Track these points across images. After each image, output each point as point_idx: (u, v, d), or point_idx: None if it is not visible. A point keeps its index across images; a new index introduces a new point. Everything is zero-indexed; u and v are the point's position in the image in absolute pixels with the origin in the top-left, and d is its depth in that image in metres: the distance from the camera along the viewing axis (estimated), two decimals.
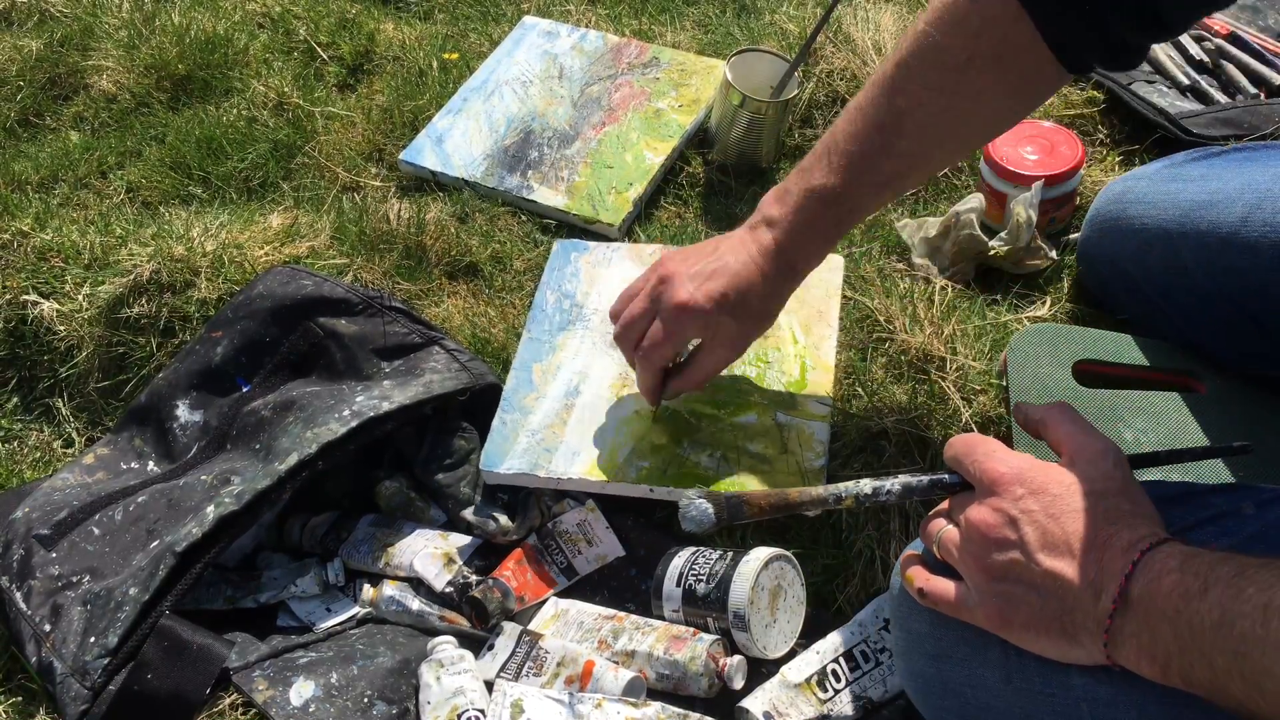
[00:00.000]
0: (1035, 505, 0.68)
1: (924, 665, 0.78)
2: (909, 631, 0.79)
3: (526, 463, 1.10)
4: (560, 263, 1.30)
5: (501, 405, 1.15)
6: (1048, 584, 0.66)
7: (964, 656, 0.74)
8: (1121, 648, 0.64)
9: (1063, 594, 0.66)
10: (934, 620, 0.76)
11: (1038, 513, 0.68)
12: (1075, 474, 0.70)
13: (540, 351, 1.20)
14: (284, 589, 1.10)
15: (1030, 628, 0.68)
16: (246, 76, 1.72)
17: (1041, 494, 0.69)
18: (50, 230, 1.45)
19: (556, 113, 1.52)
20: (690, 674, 0.96)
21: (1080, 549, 0.66)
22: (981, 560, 0.69)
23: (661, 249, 1.29)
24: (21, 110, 1.79)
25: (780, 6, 1.67)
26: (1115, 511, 0.67)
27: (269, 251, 1.36)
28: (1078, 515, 0.67)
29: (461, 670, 0.99)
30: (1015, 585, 0.68)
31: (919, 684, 0.80)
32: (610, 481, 1.08)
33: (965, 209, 1.22)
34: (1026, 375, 1.05)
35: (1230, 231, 0.96)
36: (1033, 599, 0.67)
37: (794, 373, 1.14)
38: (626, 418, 1.13)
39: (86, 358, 1.34)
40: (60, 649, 1.03)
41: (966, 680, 0.74)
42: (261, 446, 1.13)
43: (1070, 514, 0.67)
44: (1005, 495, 0.70)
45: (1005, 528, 0.69)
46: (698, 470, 1.07)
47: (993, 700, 0.73)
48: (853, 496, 0.82)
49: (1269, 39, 1.41)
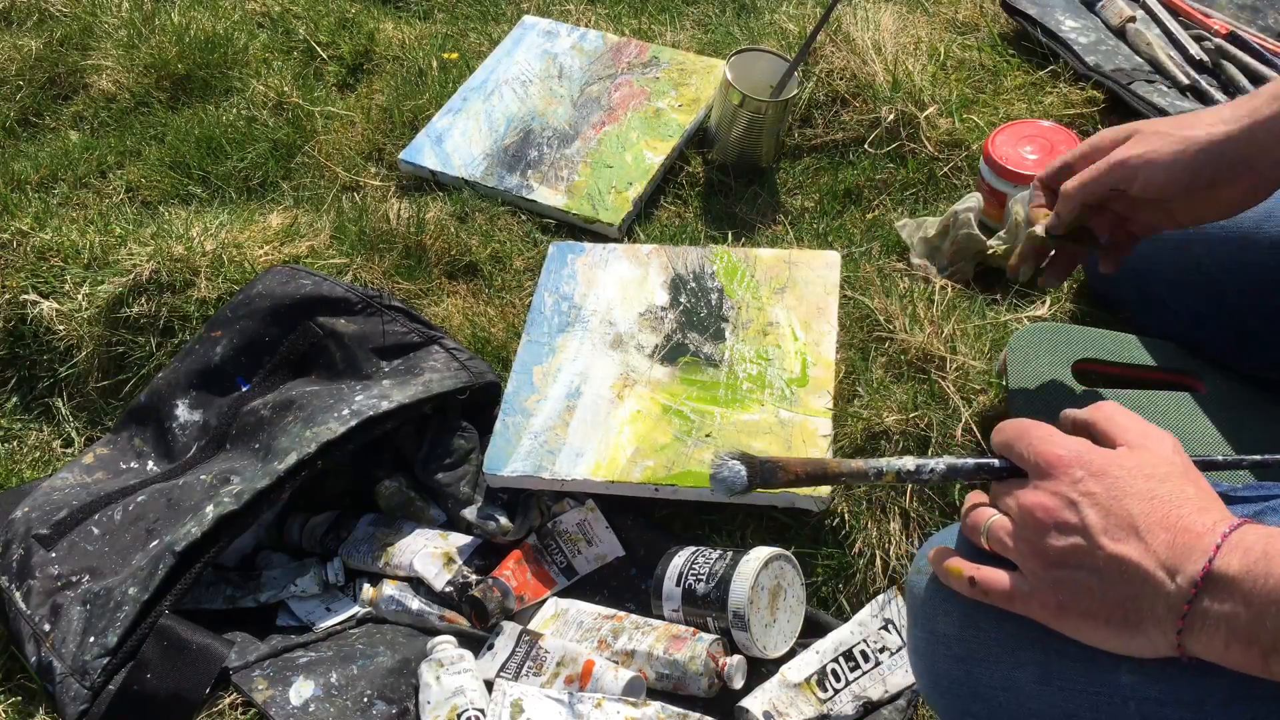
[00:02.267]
0: (1097, 488, 0.65)
1: (950, 668, 0.73)
2: (933, 633, 0.74)
3: (530, 465, 1.10)
4: (556, 265, 1.30)
5: (503, 408, 1.15)
6: (1112, 569, 0.63)
7: (995, 658, 0.71)
8: (1200, 634, 0.60)
9: (1129, 578, 0.62)
10: (963, 620, 0.72)
11: (1100, 495, 0.65)
12: (1136, 458, 0.67)
13: (540, 354, 1.20)
14: (284, 589, 1.10)
15: (1090, 616, 0.64)
16: (246, 76, 1.72)
17: (1103, 476, 0.65)
18: (50, 230, 1.45)
19: (556, 112, 1.52)
20: (690, 674, 0.96)
21: (1147, 532, 0.63)
22: (1038, 546, 0.66)
23: (656, 249, 1.29)
24: (21, 110, 1.79)
25: (780, 6, 1.67)
26: (1181, 495, 0.64)
27: (269, 251, 1.36)
28: (1142, 498, 0.64)
29: (461, 670, 0.99)
30: (1076, 571, 0.64)
31: (943, 687, 0.75)
32: (615, 482, 1.08)
33: (964, 208, 1.22)
34: (1026, 374, 1.05)
35: (1253, 227, 0.96)
36: (1094, 585, 0.64)
37: (795, 369, 1.14)
38: (628, 418, 1.13)
39: (86, 357, 1.34)
40: (60, 648, 1.03)
41: (999, 683, 0.71)
42: (261, 446, 1.13)
43: (1134, 496, 0.64)
44: (1064, 478, 0.67)
45: (1065, 510, 0.65)
46: (701, 468, 1.07)
47: (1027, 702, 0.70)
48: (894, 472, 0.76)
49: (1269, 39, 1.41)
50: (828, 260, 1.23)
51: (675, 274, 1.26)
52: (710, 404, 1.13)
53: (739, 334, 1.19)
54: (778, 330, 1.18)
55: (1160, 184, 0.89)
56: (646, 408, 1.13)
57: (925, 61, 1.45)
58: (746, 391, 1.13)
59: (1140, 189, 0.90)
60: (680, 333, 1.20)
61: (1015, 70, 1.47)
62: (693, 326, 1.21)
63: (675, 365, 1.17)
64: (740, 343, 1.18)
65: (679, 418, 1.12)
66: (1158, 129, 0.90)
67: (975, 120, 1.39)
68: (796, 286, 1.22)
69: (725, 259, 1.26)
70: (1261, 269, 0.96)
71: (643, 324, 1.22)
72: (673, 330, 1.21)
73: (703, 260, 1.27)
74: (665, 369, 1.17)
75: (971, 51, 1.50)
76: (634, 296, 1.25)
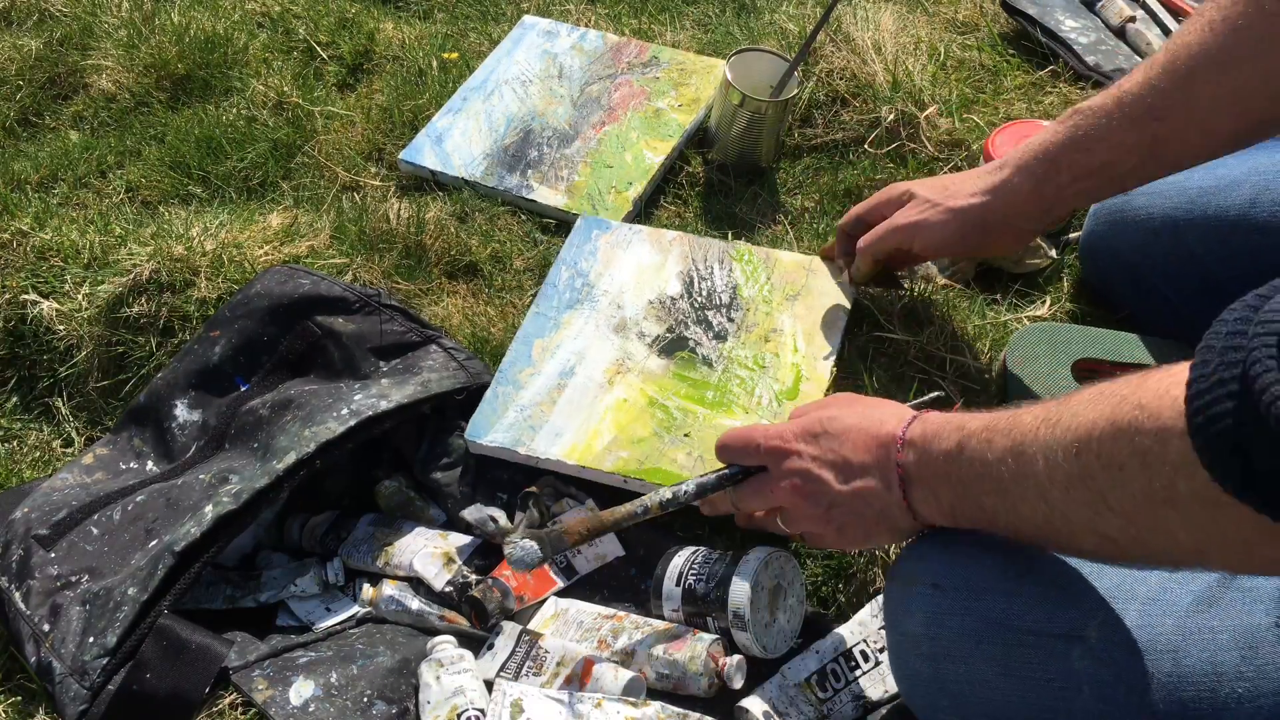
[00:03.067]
0: (814, 449, 0.83)
1: (919, 665, 0.79)
2: (903, 633, 0.80)
3: (510, 438, 1.10)
4: (581, 239, 1.30)
5: (497, 376, 1.16)
6: (857, 503, 0.81)
7: (960, 654, 0.75)
8: (923, 515, 0.78)
9: (870, 500, 0.80)
10: (928, 620, 0.77)
11: (819, 454, 0.83)
12: (827, 406, 0.86)
13: (544, 327, 1.21)
14: (284, 588, 1.10)
15: (869, 536, 0.83)
16: (246, 76, 1.72)
17: (817, 437, 0.83)
18: (50, 230, 1.45)
19: (556, 112, 1.52)
20: (690, 674, 0.96)
21: (859, 462, 0.80)
22: (810, 515, 0.84)
23: (680, 237, 1.29)
24: (21, 110, 1.79)
25: (780, 6, 1.67)
26: (866, 417, 0.82)
27: (268, 251, 1.35)
28: (844, 438, 0.81)
29: (461, 670, 0.99)
30: (839, 513, 0.82)
31: (914, 685, 0.81)
32: (586, 467, 1.08)
33: None
34: (1026, 374, 1.05)
35: (1239, 214, 0.97)
36: (856, 517, 0.82)
37: (787, 381, 1.14)
38: (613, 405, 1.13)
39: (86, 357, 1.34)
40: (59, 649, 1.03)
41: (964, 677, 0.75)
42: (260, 445, 1.13)
43: (839, 439, 0.82)
44: (793, 457, 0.84)
45: (808, 483, 0.83)
46: (673, 467, 1.07)
47: (990, 694, 0.74)
48: (656, 504, 0.92)
49: None
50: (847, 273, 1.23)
51: (693, 265, 1.26)
52: (696, 403, 1.13)
53: (741, 336, 1.19)
54: (780, 338, 1.18)
55: (936, 245, 1.06)
56: (633, 397, 1.13)
57: (925, 61, 1.45)
58: (735, 396, 1.13)
59: (920, 249, 1.07)
60: (684, 326, 1.20)
61: (1015, 70, 1.47)
62: (698, 322, 1.21)
63: (671, 359, 1.17)
64: (740, 346, 1.18)
65: (662, 412, 1.12)
66: (929, 196, 1.06)
67: (975, 120, 1.39)
68: (810, 296, 1.21)
69: (747, 257, 1.26)
70: (1254, 255, 0.96)
71: (649, 312, 1.22)
72: (677, 323, 1.21)
73: (724, 255, 1.27)
74: (661, 361, 1.17)
75: (971, 51, 1.50)
76: (648, 283, 1.25)
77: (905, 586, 0.80)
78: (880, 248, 1.10)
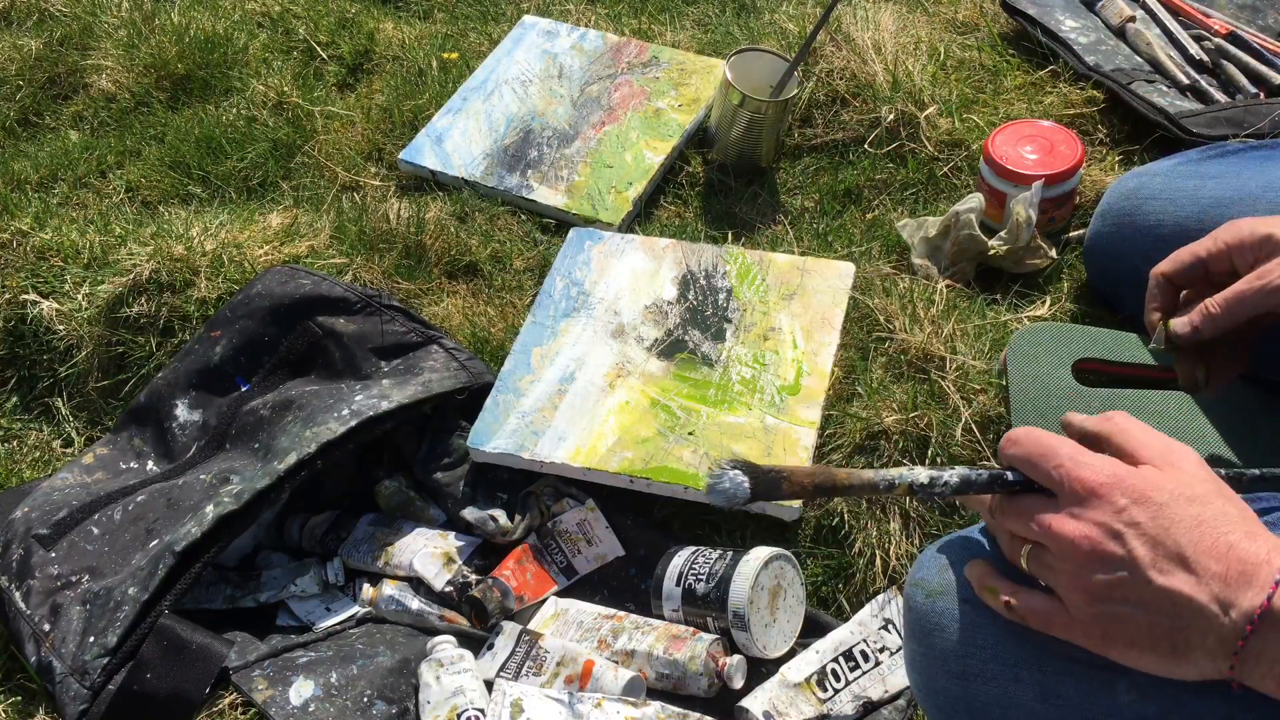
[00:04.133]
0: (1142, 516, 0.63)
1: (947, 683, 0.72)
2: (931, 648, 0.73)
3: (513, 444, 1.10)
4: (574, 250, 1.30)
5: (496, 385, 1.16)
6: (1161, 602, 0.62)
7: (994, 675, 0.70)
8: (1255, 668, 0.60)
9: (1180, 612, 0.61)
10: (962, 637, 0.71)
11: (1146, 525, 0.63)
12: (1173, 480, 0.64)
13: (542, 336, 1.21)
14: (284, 588, 1.10)
15: (1136, 645, 0.63)
16: (246, 76, 1.72)
17: (1146, 503, 0.63)
18: (49, 230, 1.45)
19: (556, 112, 1.52)
20: (690, 673, 0.96)
21: (1197, 563, 0.61)
22: (1082, 579, 0.64)
23: (673, 244, 1.29)
24: (21, 110, 1.79)
25: (780, 6, 1.67)
26: (1225, 519, 0.63)
27: (269, 251, 1.35)
28: (1189, 526, 0.62)
29: (461, 670, 0.99)
30: (1121, 605, 0.63)
31: (940, 703, 0.74)
32: (591, 469, 1.08)
33: (965, 209, 1.22)
34: (1026, 374, 1.05)
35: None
36: (1141, 618, 0.63)
37: (789, 377, 1.14)
38: (615, 407, 1.13)
39: (86, 357, 1.34)
40: (59, 648, 1.03)
41: (996, 700, 0.70)
42: (260, 446, 1.13)
43: (1180, 524, 0.62)
44: (1105, 506, 0.64)
45: (1110, 543, 0.63)
46: (679, 465, 1.07)
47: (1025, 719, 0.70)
48: (906, 485, 0.73)
49: (1269, 38, 1.41)
50: (841, 271, 1.23)
51: (687, 270, 1.26)
52: (699, 402, 1.13)
53: (740, 336, 1.19)
54: (779, 336, 1.18)
55: None
56: (635, 399, 1.13)
57: (925, 61, 1.45)
58: (737, 394, 1.13)
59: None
60: (682, 329, 1.21)
61: (1015, 70, 1.47)
62: (695, 324, 1.21)
63: (671, 360, 1.17)
64: (739, 345, 1.18)
65: (665, 413, 1.12)
66: None
67: (975, 120, 1.39)
68: (805, 294, 1.21)
69: (740, 260, 1.26)
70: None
71: (647, 316, 1.22)
72: (675, 326, 1.21)
73: (717, 259, 1.27)
74: (661, 363, 1.17)
75: (971, 51, 1.50)
76: (643, 288, 1.25)
77: (930, 598, 0.73)
78: (1245, 312, 0.85)
